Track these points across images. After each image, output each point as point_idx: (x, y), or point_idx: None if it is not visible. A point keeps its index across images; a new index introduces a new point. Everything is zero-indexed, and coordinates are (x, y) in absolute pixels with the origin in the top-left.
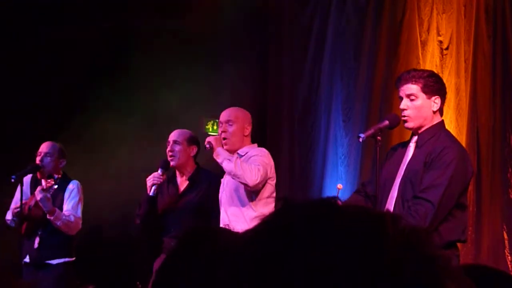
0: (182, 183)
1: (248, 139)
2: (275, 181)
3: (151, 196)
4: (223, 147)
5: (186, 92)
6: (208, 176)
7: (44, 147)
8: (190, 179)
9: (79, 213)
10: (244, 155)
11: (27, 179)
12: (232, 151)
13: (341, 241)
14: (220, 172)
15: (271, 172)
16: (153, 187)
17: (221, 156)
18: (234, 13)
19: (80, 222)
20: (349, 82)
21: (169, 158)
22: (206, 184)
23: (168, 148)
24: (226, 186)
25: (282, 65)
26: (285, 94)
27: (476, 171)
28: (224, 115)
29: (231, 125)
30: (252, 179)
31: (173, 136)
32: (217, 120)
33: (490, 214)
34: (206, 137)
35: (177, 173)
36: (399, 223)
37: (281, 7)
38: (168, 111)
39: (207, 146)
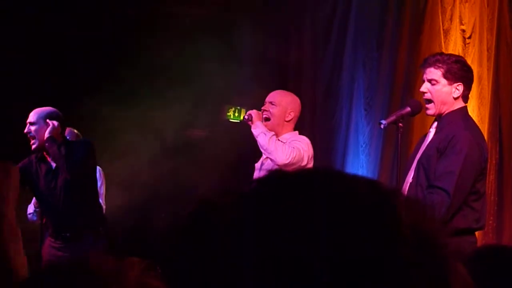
0: (52, 163)
1: (290, 125)
2: None
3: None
4: (262, 122)
5: (207, 82)
6: (79, 144)
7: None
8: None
9: (102, 197)
10: (285, 142)
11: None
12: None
13: (341, 218)
14: None
15: (307, 160)
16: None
17: (258, 129)
18: (254, 1)
19: (104, 207)
20: (371, 71)
21: (31, 142)
22: (78, 154)
23: (25, 130)
24: (261, 170)
25: (304, 53)
26: (307, 82)
27: (498, 160)
28: (270, 95)
29: (273, 106)
30: (282, 157)
31: (30, 116)
32: (238, 107)
33: None
34: (228, 124)
35: (44, 153)
36: (411, 205)
37: None
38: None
39: (246, 117)
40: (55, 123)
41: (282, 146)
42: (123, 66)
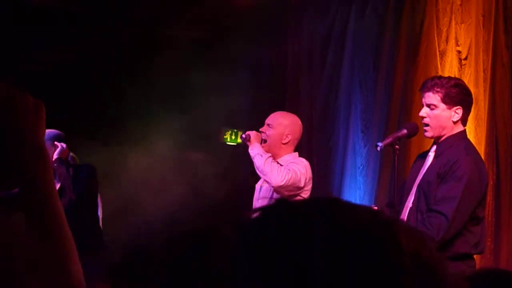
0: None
1: (289, 147)
2: (308, 194)
3: None
4: (261, 143)
5: (205, 103)
6: (83, 167)
7: None
8: (63, 180)
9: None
10: (284, 164)
11: None
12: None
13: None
14: None
15: (304, 183)
16: None
17: (255, 150)
18: (252, 23)
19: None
20: (368, 92)
21: None
22: (83, 177)
23: None
24: (261, 193)
25: (300, 74)
26: (304, 104)
27: (495, 181)
28: (269, 117)
29: (270, 128)
30: (277, 179)
31: None
32: (235, 130)
33: (509, 224)
34: (225, 146)
35: None
36: (411, 233)
37: (300, 16)
38: (187, 120)
39: (244, 136)
40: (64, 145)
41: (278, 168)
42: (118, 88)
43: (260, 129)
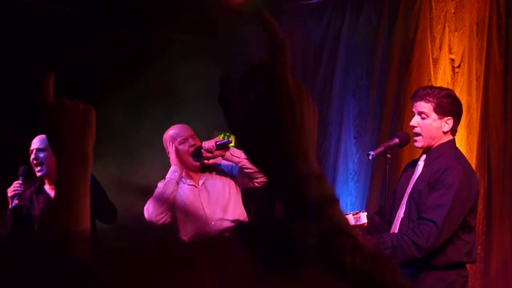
0: (52, 191)
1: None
2: None
3: (13, 207)
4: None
5: (198, 106)
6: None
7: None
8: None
9: None
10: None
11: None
12: None
13: None
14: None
15: None
16: (16, 197)
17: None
18: (245, 29)
19: None
20: (361, 99)
21: (35, 168)
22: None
23: (32, 156)
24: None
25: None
26: None
27: (486, 190)
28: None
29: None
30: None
31: (36, 143)
32: (227, 134)
33: (500, 233)
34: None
35: (46, 181)
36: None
37: (293, 24)
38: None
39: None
40: None
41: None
42: (113, 90)
43: (189, 145)
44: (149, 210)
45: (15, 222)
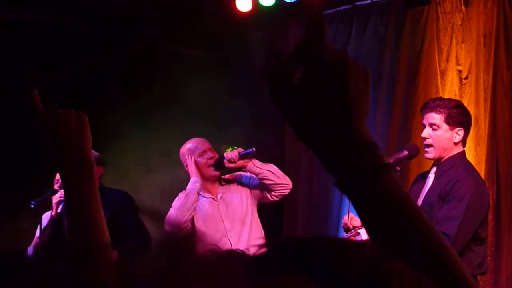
0: None
1: None
2: None
3: (58, 213)
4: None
5: (206, 119)
6: (116, 194)
7: None
8: None
9: None
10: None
11: (46, 215)
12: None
13: None
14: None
15: None
16: (61, 204)
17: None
18: (252, 41)
19: None
20: (369, 111)
21: None
22: (113, 200)
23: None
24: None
25: None
26: None
27: (495, 201)
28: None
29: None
30: (289, 180)
31: None
32: (235, 147)
33: (510, 244)
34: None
35: None
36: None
37: (300, 35)
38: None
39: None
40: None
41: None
42: (118, 102)
43: (208, 157)
44: (170, 221)
45: (56, 229)
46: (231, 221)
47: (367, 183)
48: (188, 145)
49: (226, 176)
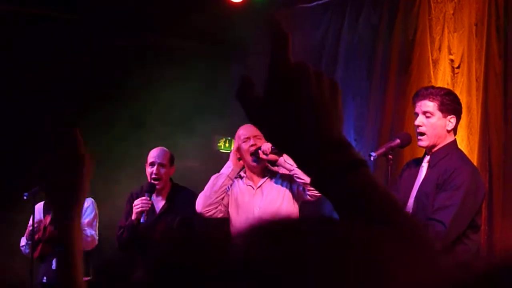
0: (158, 202)
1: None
2: None
3: (141, 222)
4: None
5: (199, 111)
6: (186, 194)
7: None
8: (168, 198)
9: (95, 229)
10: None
11: (39, 206)
12: None
13: None
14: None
15: None
16: (143, 214)
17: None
18: (246, 33)
19: (96, 238)
20: (361, 101)
21: (155, 182)
22: (184, 203)
23: (154, 171)
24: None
25: None
26: None
27: (488, 189)
28: (253, 130)
29: (260, 140)
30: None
31: (158, 158)
32: (229, 138)
33: (502, 232)
34: (219, 155)
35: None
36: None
37: (293, 26)
38: (181, 129)
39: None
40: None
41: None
42: (111, 97)
43: (250, 144)
44: (199, 202)
45: (134, 235)
46: (263, 211)
47: (340, 180)
48: (240, 131)
49: (274, 168)
